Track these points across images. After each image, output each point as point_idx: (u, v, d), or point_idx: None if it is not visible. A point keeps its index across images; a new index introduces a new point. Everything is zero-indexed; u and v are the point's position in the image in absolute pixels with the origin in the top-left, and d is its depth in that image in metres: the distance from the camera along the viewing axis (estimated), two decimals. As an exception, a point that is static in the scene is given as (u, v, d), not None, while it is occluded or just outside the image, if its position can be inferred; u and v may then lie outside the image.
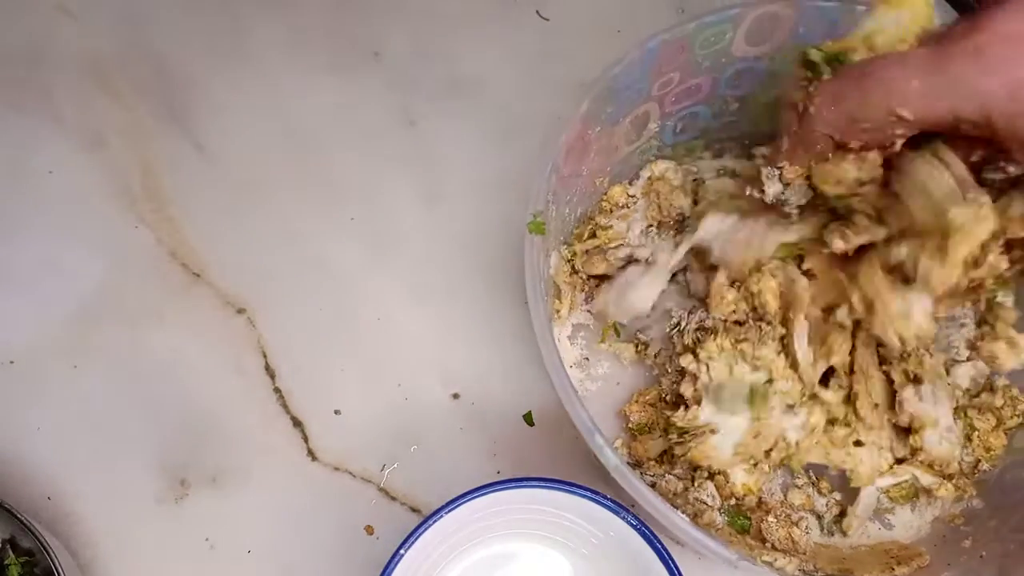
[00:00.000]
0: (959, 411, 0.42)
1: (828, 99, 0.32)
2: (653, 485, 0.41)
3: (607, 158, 0.42)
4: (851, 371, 0.40)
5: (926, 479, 0.40)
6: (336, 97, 0.53)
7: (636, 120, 0.42)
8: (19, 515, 0.37)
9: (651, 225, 0.44)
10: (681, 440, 0.39)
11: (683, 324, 0.42)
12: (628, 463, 0.38)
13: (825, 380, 0.39)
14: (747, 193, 0.37)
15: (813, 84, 0.32)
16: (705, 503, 0.40)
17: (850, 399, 0.40)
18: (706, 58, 0.41)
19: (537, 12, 0.56)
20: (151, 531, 0.42)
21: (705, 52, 0.40)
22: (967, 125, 0.30)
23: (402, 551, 0.34)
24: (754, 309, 0.39)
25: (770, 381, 0.38)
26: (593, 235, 0.44)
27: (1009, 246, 0.33)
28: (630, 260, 0.43)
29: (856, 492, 0.41)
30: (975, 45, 0.29)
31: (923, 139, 0.32)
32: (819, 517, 0.42)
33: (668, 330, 0.43)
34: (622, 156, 0.43)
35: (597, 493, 0.35)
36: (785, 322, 0.39)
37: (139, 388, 0.45)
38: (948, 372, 0.42)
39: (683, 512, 0.36)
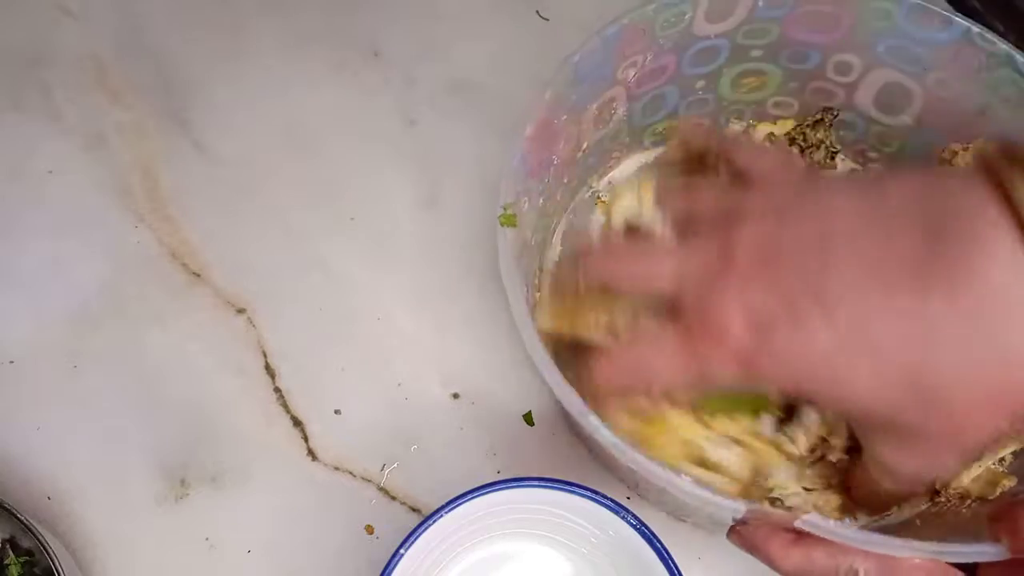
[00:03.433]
0: None
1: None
2: None
3: (576, 146, 0.42)
4: None
5: None
6: (336, 97, 0.53)
7: (603, 106, 0.42)
8: (19, 515, 0.37)
9: None
10: None
11: None
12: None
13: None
14: None
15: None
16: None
17: None
18: (668, 39, 0.41)
19: (537, 12, 0.56)
20: (151, 531, 0.42)
21: (666, 33, 0.40)
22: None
23: (402, 551, 0.34)
24: None
25: None
26: None
27: None
28: None
29: None
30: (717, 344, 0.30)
31: None
32: None
33: None
34: (592, 143, 0.43)
35: (597, 493, 0.35)
36: None
37: (139, 388, 0.45)
38: None
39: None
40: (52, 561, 0.37)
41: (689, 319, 0.31)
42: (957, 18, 0.39)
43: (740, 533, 0.32)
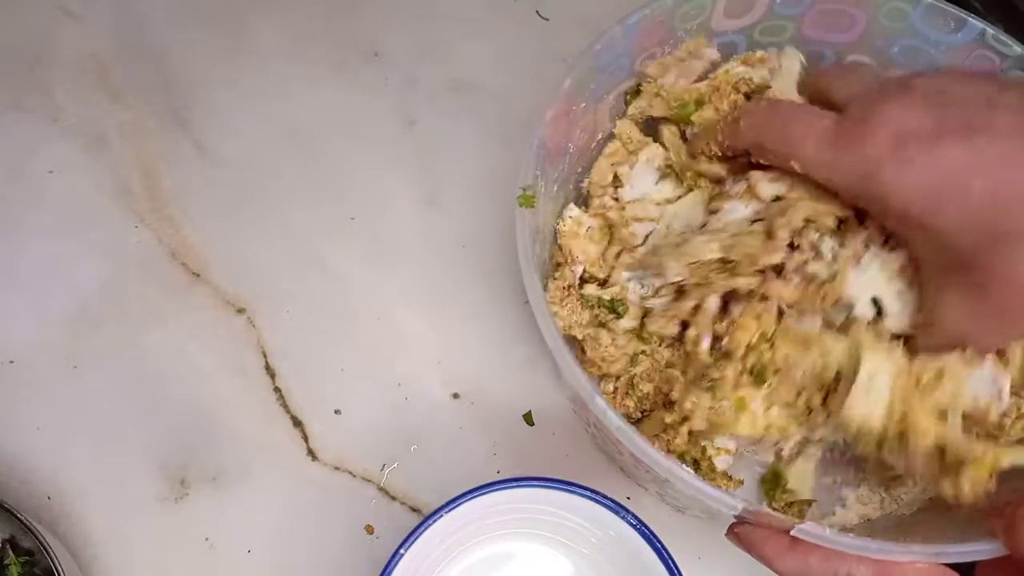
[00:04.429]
0: None
1: (749, 122, 0.36)
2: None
3: (592, 135, 0.43)
4: None
5: None
6: (336, 97, 0.53)
7: (620, 96, 0.42)
8: (19, 515, 0.37)
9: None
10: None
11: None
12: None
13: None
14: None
15: (744, 106, 0.37)
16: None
17: None
18: (686, 33, 0.41)
19: (537, 12, 0.56)
20: (151, 531, 0.42)
21: (685, 27, 0.41)
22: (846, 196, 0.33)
23: (402, 551, 0.34)
24: None
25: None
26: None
27: None
28: None
29: None
30: (864, 139, 0.31)
31: None
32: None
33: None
34: (606, 134, 0.44)
35: (597, 493, 0.35)
36: None
37: (139, 388, 0.45)
38: None
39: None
40: (52, 561, 0.37)
41: (848, 114, 0.33)
42: (972, 19, 0.39)
43: (738, 534, 0.32)
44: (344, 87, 0.53)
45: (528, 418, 0.45)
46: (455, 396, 0.46)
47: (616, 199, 0.42)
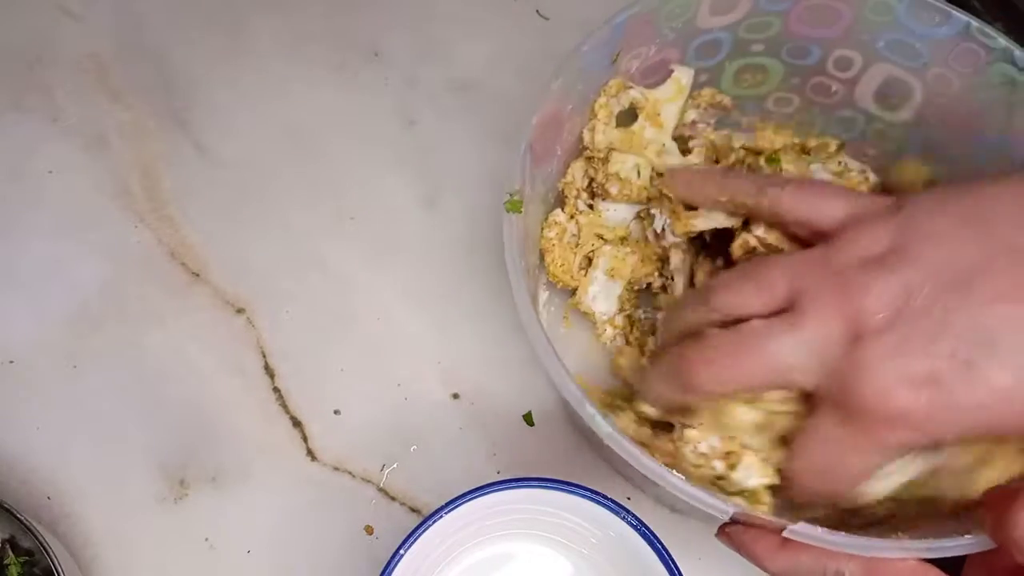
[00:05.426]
0: None
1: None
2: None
3: (579, 138, 0.43)
4: None
5: None
6: (336, 97, 0.53)
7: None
8: (19, 515, 0.37)
9: None
10: None
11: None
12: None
13: None
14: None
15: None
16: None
17: None
18: (672, 31, 0.41)
19: (537, 11, 0.56)
20: (151, 531, 0.42)
21: (671, 25, 0.40)
22: None
23: (402, 551, 0.34)
24: None
25: None
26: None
27: None
28: None
29: None
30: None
31: None
32: None
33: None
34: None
35: (597, 493, 0.35)
36: None
37: (139, 388, 0.45)
38: None
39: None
40: (52, 561, 0.37)
41: (847, 410, 0.30)
42: (957, 13, 0.39)
43: (728, 534, 0.32)
44: (344, 87, 0.53)
45: (528, 418, 0.45)
46: (455, 396, 0.45)
47: (590, 205, 0.43)
